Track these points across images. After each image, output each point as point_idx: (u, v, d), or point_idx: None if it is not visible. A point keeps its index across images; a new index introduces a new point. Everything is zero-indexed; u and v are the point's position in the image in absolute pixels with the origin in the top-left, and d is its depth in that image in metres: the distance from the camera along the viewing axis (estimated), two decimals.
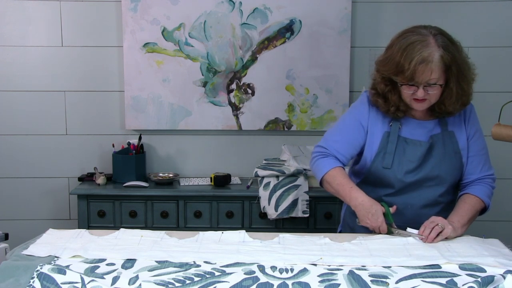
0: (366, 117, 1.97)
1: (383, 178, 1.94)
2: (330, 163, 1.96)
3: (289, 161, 2.94)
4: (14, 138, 3.17)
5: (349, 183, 1.93)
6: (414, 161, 1.91)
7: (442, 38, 1.79)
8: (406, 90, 1.83)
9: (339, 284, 1.43)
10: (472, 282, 1.41)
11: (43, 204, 3.22)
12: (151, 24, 3.06)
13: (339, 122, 2.06)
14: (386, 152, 1.92)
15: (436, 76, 1.78)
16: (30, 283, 1.42)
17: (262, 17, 3.06)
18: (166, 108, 3.13)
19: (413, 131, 1.93)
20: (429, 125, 1.94)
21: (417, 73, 1.77)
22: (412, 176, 1.91)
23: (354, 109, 2.03)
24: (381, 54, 1.92)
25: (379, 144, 1.94)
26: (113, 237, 1.80)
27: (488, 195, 1.95)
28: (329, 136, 2.03)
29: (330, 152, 1.98)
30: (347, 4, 3.05)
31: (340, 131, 2.01)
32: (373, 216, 1.84)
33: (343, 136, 1.99)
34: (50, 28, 3.09)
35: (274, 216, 2.81)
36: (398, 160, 1.91)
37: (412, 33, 1.81)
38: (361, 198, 1.88)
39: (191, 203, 2.91)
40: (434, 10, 3.06)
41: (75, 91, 3.15)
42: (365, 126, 1.97)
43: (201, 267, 1.54)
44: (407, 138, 1.92)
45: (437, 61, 1.76)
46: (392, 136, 1.92)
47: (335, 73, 3.11)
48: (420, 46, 1.76)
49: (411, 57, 1.76)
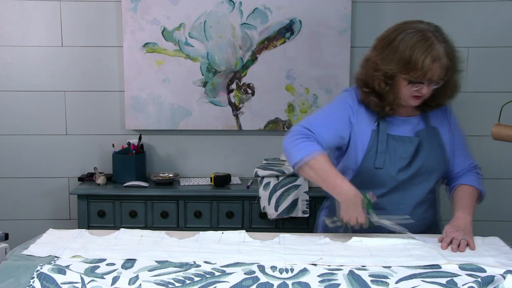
0: (354, 113, 1.91)
1: (374, 178, 1.89)
2: (316, 147, 1.82)
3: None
4: (14, 138, 3.17)
5: (335, 171, 1.82)
6: (405, 157, 1.89)
7: (439, 32, 1.80)
8: (411, 88, 1.81)
9: (339, 284, 1.43)
10: (472, 282, 1.41)
11: (43, 204, 3.22)
12: (151, 24, 3.06)
13: (324, 110, 1.97)
14: (377, 151, 1.88)
15: (443, 73, 1.79)
16: (30, 283, 1.42)
17: (262, 17, 3.06)
18: (166, 108, 3.13)
19: (399, 128, 1.92)
20: (413, 121, 1.94)
21: (431, 71, 1.76)
22: (404, 174, 1.90)
23: (342, 102, 1.95)
24: (374, 51, 1.87)
25: (368, 144, 1.89)
26: (113, 237, 1.80)
27: (480, 183, 1.99)
28: (313, 121, 1.90)
29: (314, 136, 1.85)
30: (347, 4, 3.05)
31: (325, 119, 1.91)
32: (353, 206, 1.77)
33: (328, 124, 1.89)
34: (50, 28, 3.09)
35: (274, 216, 2.81)
36: (389, 158, 1.88)
37: (411, 30, 1.79)
38: (346, 186, 1.79)
39: (191, 203, 2.91)
40: (434, 10, 3.06)
41: (75, 91, 3.15)
42: (352, 121, 1.91)
43: (201, 267, 1.54)
44: (395, 136, 1.90)
45: (444, 57, 1.77)
46: (381, 135, 1.89)
47: (335, 73, 3.11)
48: (428, 44, 1.76)
49: (423, 56, 1.75)
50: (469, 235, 1.77)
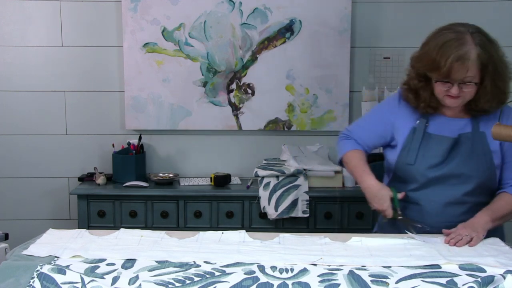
0: (395, 111, 2.01)
1: (407, 173, 1.96)
2: (350, 145, 2.07)
3: (289, 161, 2.94)
4: (14, 138, 3.17)
5: (362, 166, 2.00)
6: (438, 156, 1.90)
7: (479, 36, 1.79)
8: (441, 87, 1.84)
9: (339, 284, 1.43)
10: (472, 282, 1.41)
11: (43, 204, 3.22)
12: (151, 24, 3.06)
13: (368, 112, 2.18)
14: (410, 148, 1.94)
15: (471, 74, 1.78)
16: (30, 283, 1.42)
17: (262, 17, 3.06)
18: (166, 108, 3.13)
19: (440, 127, 1.93)
20: (459, 123, 1.93)
21: (453, 70, 1.77)
22: (435, 171, 1.91)
23: (384, 102, 2.14)
24: (417, 50, 1.93)
25: (405, 140, 1.96)
26: (113, 237, 1.80)
27: None
28: (355, 123, 2.17)
29: (352, 136, 2.09)
30: (347, 4, 3.05)
31: (365, 120, 2.14)
32: (379, 200, 1.90)
33: (367, 125, 2.09)
34: (50, 28, 3.09)
35: (274, 216, 2.81)
36: (422, 154, 1.92)
37: (449, 30, 1.82)
38: (370, 181, 1.95)
39: (191, 203, 2.91)
40: (434, 10, 3.06)
41: (75, 91, 3.15)
42: (392, 119, 2.00)
43: (201, 267, 1.54)
44: (432, 134, 1.93)
45: (474, 59, 1.76)
46: (418, 133, 1.94)
47: (335, 73, 3.11)
48: (457, 43, 1.77)
49: (448, 55, 1.76)
50: (476, 233, 1.77)
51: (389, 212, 1.88)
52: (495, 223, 1.86)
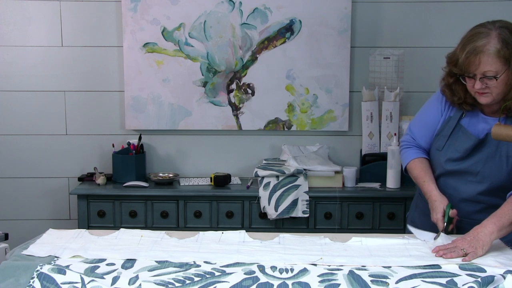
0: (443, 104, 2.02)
1: (434, 159, 2.03)
2: (411, 154, 2.09)
3: (289, 161, 2.94)
4: (14, 138, 3.17)
5: (423, 177, 2.00)
6: (459, 151, 1.93)
7: (505, 32, 1.77)
8: (467, 83, 1.85)
9: (339, 284, 1.43)
10: (472, 282, 1.41)
11: (43, 204, 3.22)
12: (151, 24, 3.06)
13: (422, 109, 2.14)
14: (442, 134, 1.99)
15: (489, 68, 1.76)
16: (30, 283, 1.42)
17: (262, 17, 3.06)
18: (166, 108, 3.13)
19: (472, 123, 1.95)
20: (493, 123, 1.89)
21: (469, 63, 1.78)
22: (452, 165, 1.94)
23: (432, 98, 2.11)
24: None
25: (440, 127, 2.01)
26: (113, 237, 1.80)
27: None
28: (413, 126, 2.14)
29: (415, 142, 2.10)
30: (347, 4, 3.05)
31: (421, 121, 2.11)
32: (433, 211, 1.91)
33: (424, 126, 2.08)
34: (50, 28, 3.09)
35: (274, 216, 2.81)
36: (449, 144, 1.96)
37: (480, 26, 1.82)
38: (430, 192, 1.95)
39: (191, 203, 2.91)
40: (434, 10, 3.06)
41: (75, 91, 3.15)
42: (442, 110, 2.02)
43: (201, 267, 1.54)
44: (463, 126, 1.95)
45: (491, 53, 1.75)
46: (452, 121, 1.98)
47: (335, 73, 3.11)
48: (477, 37, 1.78)
49: (465, 48, 1.79)
50: (474, 249, 1.66)
51: (440, 224, 1.86)
52: (502, 232, 1.72)
